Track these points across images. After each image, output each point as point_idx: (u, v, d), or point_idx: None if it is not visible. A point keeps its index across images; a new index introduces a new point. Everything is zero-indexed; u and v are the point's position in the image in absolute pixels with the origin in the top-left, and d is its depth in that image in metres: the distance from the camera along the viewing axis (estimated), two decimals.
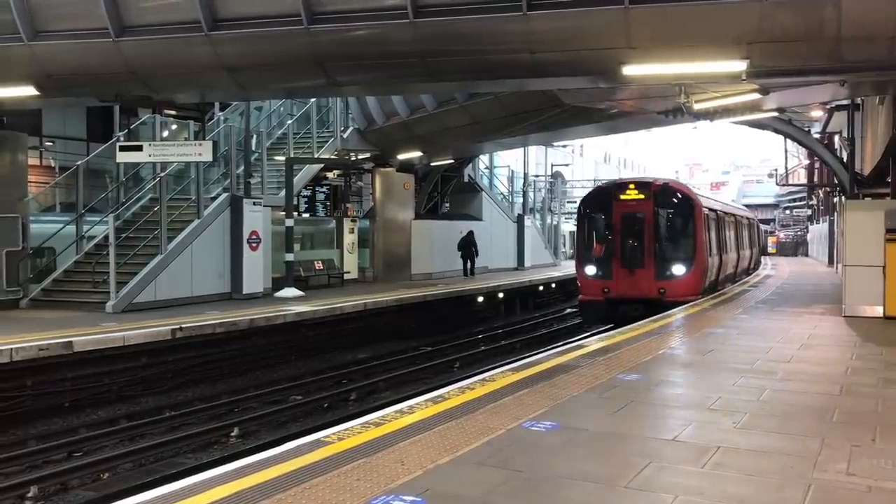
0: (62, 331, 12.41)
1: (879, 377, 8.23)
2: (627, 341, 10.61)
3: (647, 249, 17.21)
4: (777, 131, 28.68)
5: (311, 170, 22.04)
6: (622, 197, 17.66)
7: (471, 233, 26.62)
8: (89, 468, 9.21)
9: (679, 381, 7.97)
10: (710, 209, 19.07)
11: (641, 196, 17.45)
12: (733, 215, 24.54)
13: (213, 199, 18.47)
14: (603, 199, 18.16)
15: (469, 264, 26.40)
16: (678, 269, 17.07)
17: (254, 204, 18.69)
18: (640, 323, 12.77)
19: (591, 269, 17.86)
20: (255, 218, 18.63)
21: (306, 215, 27.62)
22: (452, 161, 27.87)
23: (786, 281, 25.22)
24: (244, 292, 18.14)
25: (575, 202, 39.73)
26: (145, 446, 10.03)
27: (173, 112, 21.33)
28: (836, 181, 31.16)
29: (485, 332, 20.79)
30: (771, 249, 55.36)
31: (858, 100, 23.33)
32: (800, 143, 31.85)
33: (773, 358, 9.38)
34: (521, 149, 34.89)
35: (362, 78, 12.97)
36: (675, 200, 17.66)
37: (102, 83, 13.19)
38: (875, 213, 13.75)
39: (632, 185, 17.76)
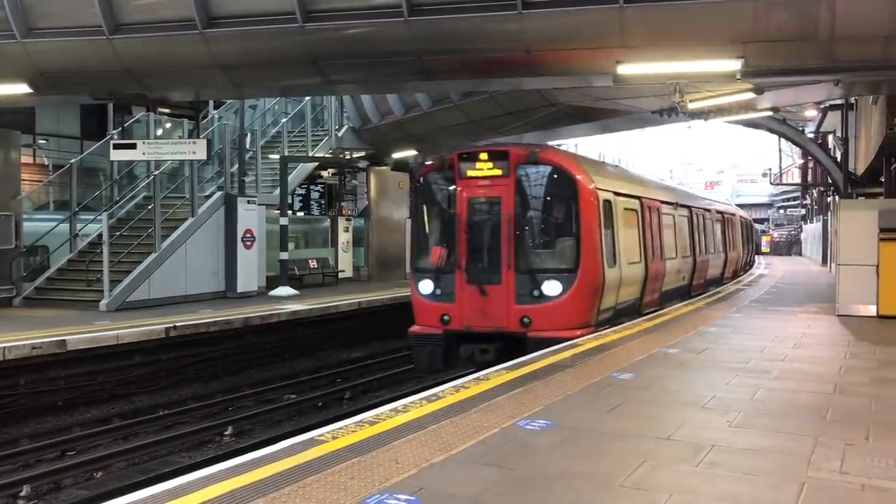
0: (55, 329, 12.37)
1: (873, 376, 8.25)
2: (622, 340, 10.62)
3: (504, 256, 11.35)
4: (771, 131, 28.80)
5: (305, 168, 22.03)
6: (470, 173, 11.64)
7: None
8: (82, 467, 9.19)
9: (673, 380, 7.97)
10: (620, 193, 12.95)
11: (497, 172, 11.50)
12: (687, 207, 18.01)
13: (208, 197, 18.45)
14: (443, 176, 12.09)
15: None
16: (551, 288, 11.19)
17: (248, 202, 18.67)
18: (633, 322, 12.76)
19: (425, 286, 11.90)
20: (250, 216, 18.61)
21: (301, 214, 27.59)
22: None
23: (779, 280, 25.28)
24: (238, 291, 18.13)
25: None
26: (139, 445, 10.02)
27: (167, 110, 21.31)
28: (829, 180, 31.30)
29: None
30: (765, 249, 55.59)
31: (852, 99, 23.40)
32: (794, 142, 31.96)
33: (767, 357, 9.40)
34: None
35: (357, 76, 12.96)
36: (550, 179, 11.64)
37: (96, 81, 13.14)
38: (869, 213, 13.78)
39: (483, 155, 11.64)
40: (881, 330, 12.14)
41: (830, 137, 34.03)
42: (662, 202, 15.73)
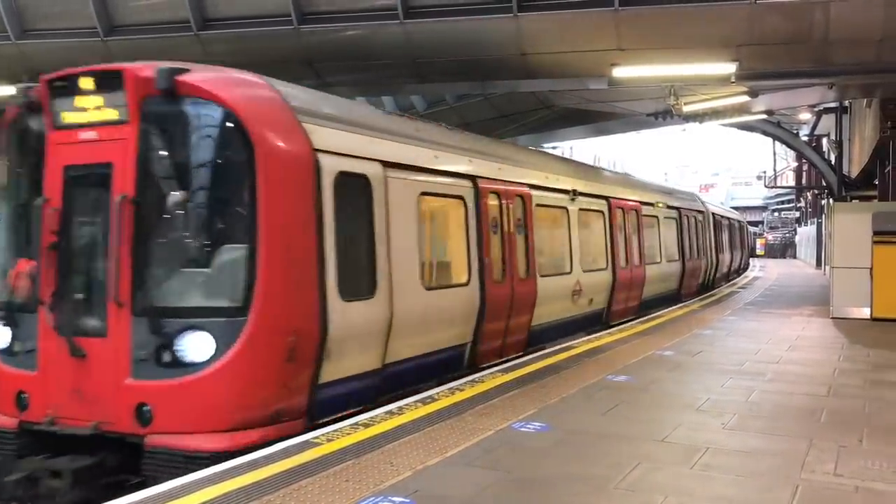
0: None
1: (867, 378, 8.27)
2: (617, 342, 10.62)
3: (111, 282, 5.87)
4: (766, 133, 28.91)
5: None
6: (67, 117, 6.38)
7: None
8: None
9: (668, 382, 7.98)
10: (405, 165, 7.69)
11: (110, 114, 6.19)
12: (602, 198, 12.95)
13: None
14: (33, 125, 6.67)
15: None
16: (195, 346, 5.75)
17: None
18: (629, 324, 12.74)
19: None
20: None
21: None
22: None
23: (774, 283, 25.35)
24: None
25: None
26: None
27: None
28: (823, 183, 31.42)
29: None
30: (759, 251, 55.80)
31: (846, 103, 23.50)
32: (788, 145, 32.07)
33: (761, 359, 9.41)
34: None
35: (352, 78, 12.97)
36: (204, 126, 6.28)
37: None
38: (862, 216, 13.83)
39: (86, 81, 6.40)
40: (875, 332, 12.17)
41: (824, 140, 34.17)
42: (535, 188, 10.38)
